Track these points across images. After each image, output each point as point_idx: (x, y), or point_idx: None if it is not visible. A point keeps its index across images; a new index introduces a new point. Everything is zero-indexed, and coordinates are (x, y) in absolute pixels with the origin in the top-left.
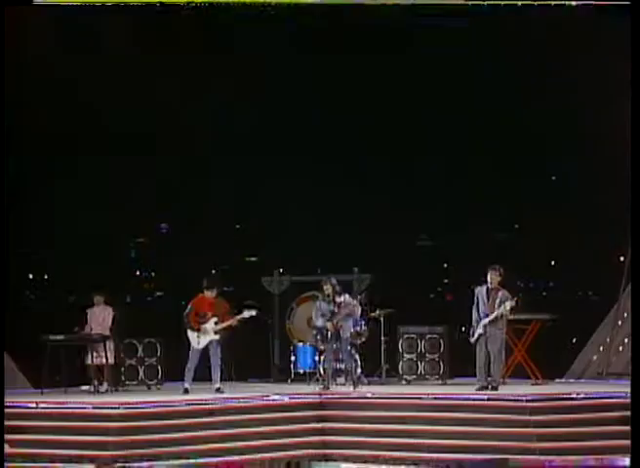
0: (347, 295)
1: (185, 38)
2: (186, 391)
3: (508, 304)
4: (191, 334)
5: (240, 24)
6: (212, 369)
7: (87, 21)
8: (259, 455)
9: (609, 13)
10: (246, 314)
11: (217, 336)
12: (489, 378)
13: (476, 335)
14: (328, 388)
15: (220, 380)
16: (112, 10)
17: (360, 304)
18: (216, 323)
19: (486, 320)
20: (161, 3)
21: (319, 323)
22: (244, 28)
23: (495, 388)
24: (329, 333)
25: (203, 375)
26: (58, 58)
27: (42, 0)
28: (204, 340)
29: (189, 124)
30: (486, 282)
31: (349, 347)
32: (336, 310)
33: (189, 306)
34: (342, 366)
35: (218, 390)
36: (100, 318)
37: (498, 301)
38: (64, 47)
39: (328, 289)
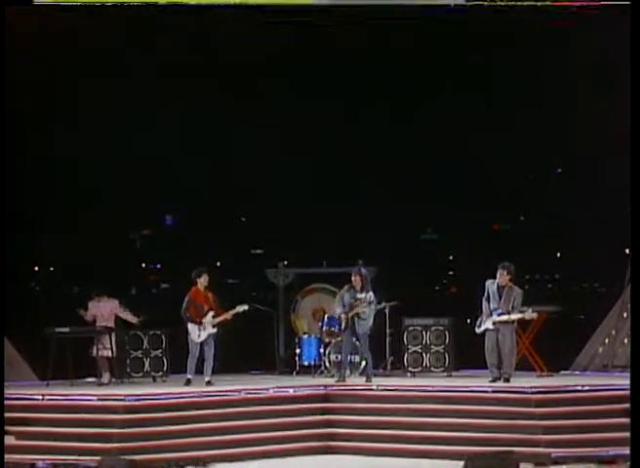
0: (371, 294)
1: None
2: (189, 382)
3: (528, 315)
4: (192, 328)
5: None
6: (205, 361)
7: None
8: (263, 448)
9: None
10: (239, 308)
11: (214, 330)
12: (501, 370)
13: (482, 328)
14: (344, 380)
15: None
16: (111, 9)
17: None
18: (213, 316)
19: (498, 318)
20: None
21: (337, 311)
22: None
23: (507, 380)
24: (343, 325)
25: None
26: (57, 58)
27: (42, 0)
28: (204, 334)
29: (192, 119)
30: (495, 278)
31: (365, 342)
32: (353, 304)
33: (187, 299)
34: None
35: (208, 383)
36: (106, 311)
37: (511, 300)
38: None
39: (356, 280)
